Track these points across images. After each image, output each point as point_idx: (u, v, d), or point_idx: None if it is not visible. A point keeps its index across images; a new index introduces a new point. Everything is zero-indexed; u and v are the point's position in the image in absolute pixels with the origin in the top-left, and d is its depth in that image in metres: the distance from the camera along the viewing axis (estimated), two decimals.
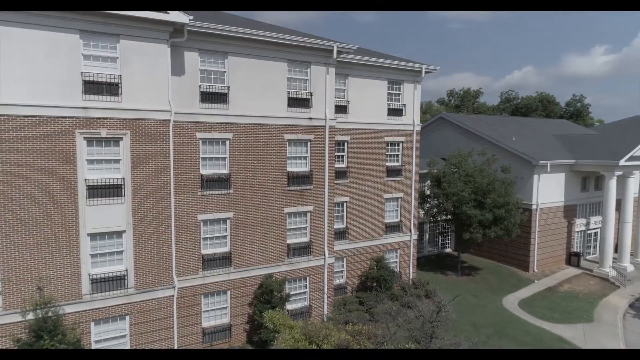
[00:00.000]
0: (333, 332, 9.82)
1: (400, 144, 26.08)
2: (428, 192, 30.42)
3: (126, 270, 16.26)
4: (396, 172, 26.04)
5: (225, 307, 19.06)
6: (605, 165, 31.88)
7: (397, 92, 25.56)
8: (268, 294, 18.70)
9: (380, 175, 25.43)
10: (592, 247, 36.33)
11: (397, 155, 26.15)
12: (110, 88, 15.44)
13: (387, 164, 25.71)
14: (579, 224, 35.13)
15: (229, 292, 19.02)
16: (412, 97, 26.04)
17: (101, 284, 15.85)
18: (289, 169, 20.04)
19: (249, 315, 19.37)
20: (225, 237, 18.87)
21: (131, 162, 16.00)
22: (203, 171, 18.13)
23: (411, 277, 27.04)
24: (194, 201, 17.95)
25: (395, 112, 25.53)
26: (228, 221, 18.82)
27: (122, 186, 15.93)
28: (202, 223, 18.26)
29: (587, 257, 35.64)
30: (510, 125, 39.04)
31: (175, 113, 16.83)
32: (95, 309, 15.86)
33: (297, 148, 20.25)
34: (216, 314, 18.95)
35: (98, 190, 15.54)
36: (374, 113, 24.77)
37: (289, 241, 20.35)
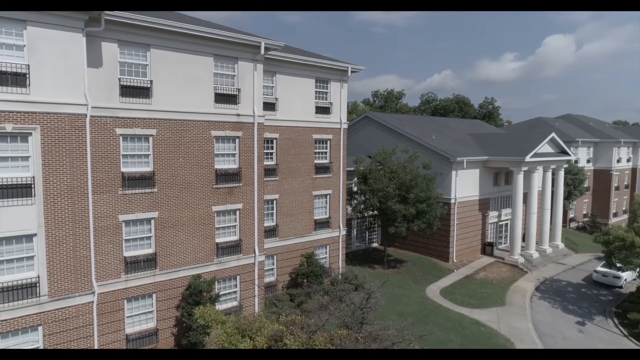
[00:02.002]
0: (266, 324, 9.79)
1: (328, 142, 26.54)
2: (355, 189, 31.25)
3: (38, 277, 14.98)
4: (324, 169, 26.46)
5: (151, 311, 18.24)
6: (513, 161, 34.77)
7: (325, 90, 25.98)
8: (197, 295, 18.19)
9: (309, 172, 25.70)
10: (503, 237, 39.43)
11: (325, 153, 26.59)
12: (17, 79, 14.14)
13: (316, 161, 26.05)
14: (492, 216, 37.99)
15: (154, 295, 18.21)
16: (339, 95, 26.60)
17: (7, 293, 14.45)
18: (217, 166, 19.61)
19: (177, 318, 18.69)
20: (149, 237, 18.04)
21: (42, 160, 14.77)
22: (124, 169, 17.19)
23: (341, 271, 27.62)
24: (114, 201, 16.96)
25: (323, 110, 25.95)
26: (152, 221, 18.01)
27: (32, 185, 14.66)
28: (124, 224, 17.30)
29: (500, 247, 38.63)
30: (431, 125, 41.24)
31: (92, 107, 15.80)
32: (1, 320, 14.44)
33: (225, 145, 19.87)
34: (141, 318, 18.07)
35: (3, 191, 14.16)
36: (302, 111, 24.99)
37: (218, 240, 19.92)
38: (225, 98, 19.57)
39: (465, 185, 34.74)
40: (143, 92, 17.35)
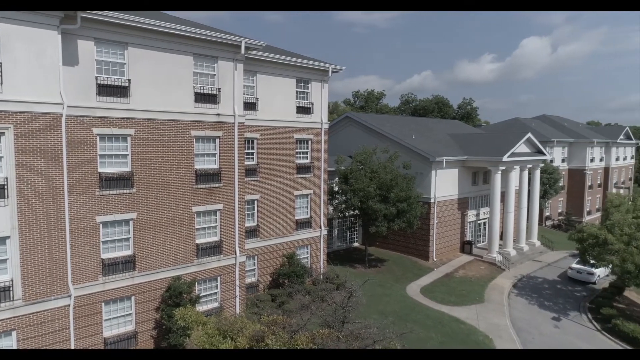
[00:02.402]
0: (248, 325, 9.73)
1: (309, 142, 26.55)
2: (336, 189, 31.34)
3: (11, 281, 14.59)
4: (306, 169, 26.47)
5: (130, 314, 17.95)
6: (491, 160, 35.38)
7: (305, 90, 25.99)
8: (177, 297, 17.98)
9: (290, 172, 25.67)
10: (481, 236, 40.07)
11: (307, 153, 26.59)
12: None
13: (297, 161, 26.03)
14: (471, 215, 38.57)
15: (133, 297, 17.93)
16: (319, 95, 26.64)
17: None
18: (197, 166, 19.41)
19: (156, 320, 18.44)
20: (128, 239, 17.75)
21: (16, 160, 14.39)
22: (101, 169, 16.88)
23: (322, 271, 27.66)
24: (91, 202, 16.63)
25: (304, 110, 25.95)
26: (131, 222, 17.73)
27: (5, 187, 14.27)
28: (101, 225, 16.98)
29: (478, 245, 39.21)
30: (410, 125, 41.64)
31: (68, 107, 15.46)
32: None
33: (205, 145, 19.70)
34: (119, 321, 17.76)
35: None
36: (283, 111, 24.95)
37: (198, 241, 19.73)
38: (206, 97, 19.40)
39: (444, 184, 35.19)
40: (121, 91, 17.06)
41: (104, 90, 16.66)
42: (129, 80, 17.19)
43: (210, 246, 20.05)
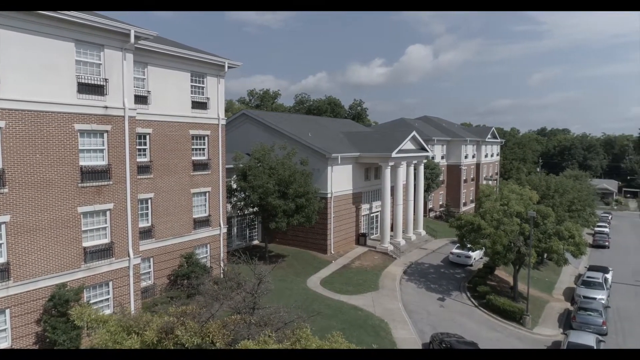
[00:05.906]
0: (155, 318, 9.21)
1: (206, 138, 25.86)
2: (235, 186, 30.93)
3: None
4: (203, 166, 25.73)
5: (4, 329, 15.88)
6: (381, 157, 37.70)
7: (201, 85, 25.25)
8: (62, 305, 16.33)
9: (186, 169, 24.75)
10: (374, 228, 42.45)
11: (204, 149, 25.86)
12: None
13: (194, 158, 25.19)
14: (364, 208, 40.69)
15: (8, 310, 15.89)
16: (216, 91, 26.06)
17: None
18: (82, 162, 17.81)
19: (38, 334, 16.56)
20: (0, 245, 15.69)
21: None
22: None
23: (222, 270, 27.08)
24: None
25: (200, 105, 25.20)
26: (3, 226, 15.69)
27: None
28: None
29: (372, 237, 41.50)
30: (307, 123, 42.61)
31: None
32: None
33: (92, 140, 18.17)
34: None
35: None
36: (178, 105, 23.98)
37: (85, 244, 18.11)
38: (91, 88, 17.89)
39: (340, 180, 36.65)
40: None
41: None
42: None
43: (100, 249, 18.55)
